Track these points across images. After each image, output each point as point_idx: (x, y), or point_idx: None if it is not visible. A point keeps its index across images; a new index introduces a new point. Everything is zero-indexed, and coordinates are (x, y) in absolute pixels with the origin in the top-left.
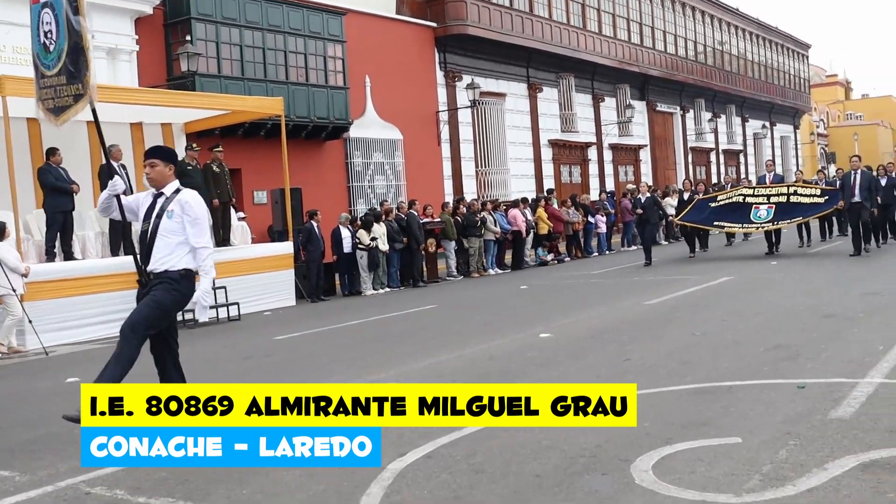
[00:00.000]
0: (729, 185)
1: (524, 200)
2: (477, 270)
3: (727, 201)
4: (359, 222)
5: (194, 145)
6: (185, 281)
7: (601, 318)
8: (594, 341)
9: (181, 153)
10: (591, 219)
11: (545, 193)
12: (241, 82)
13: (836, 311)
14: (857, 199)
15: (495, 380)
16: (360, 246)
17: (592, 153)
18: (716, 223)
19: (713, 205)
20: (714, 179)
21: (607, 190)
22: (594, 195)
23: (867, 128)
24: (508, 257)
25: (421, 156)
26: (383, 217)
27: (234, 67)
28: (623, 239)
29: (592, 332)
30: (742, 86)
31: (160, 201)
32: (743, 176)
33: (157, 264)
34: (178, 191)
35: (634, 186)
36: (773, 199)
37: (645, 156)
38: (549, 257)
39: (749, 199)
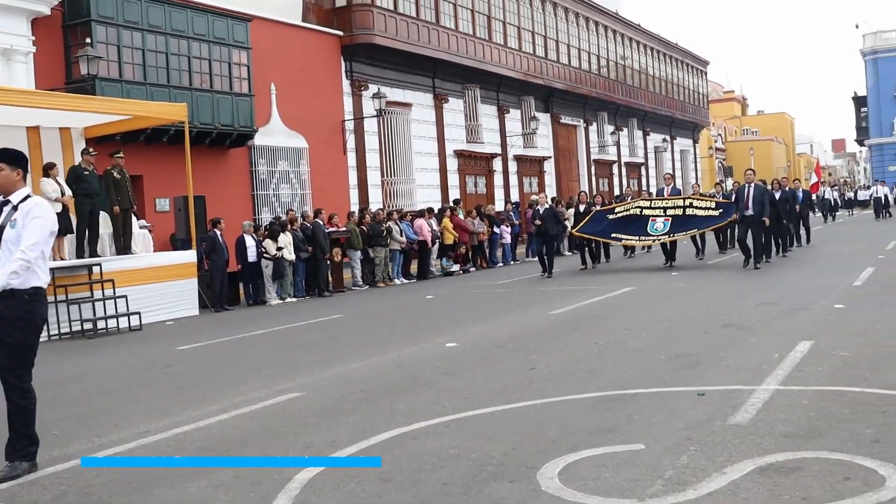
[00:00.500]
0: (629, 197)
1: (430, 210)
2: (382, 280)
3: (625, 213)
4: (264, 231)
5: (90, 149)
6: (33, 302)
7: (507, 328)
8: (500, 350)
9: (78, 158)
10: (496, 229)
11: (451, 204)
12: (144, 87)
13: (734, 320)
14: (749, 212)
15: (404, 388)
16: (265, 255)
17: (497, 164)
18: (613, 235)
19: (611, 217)
20: (616, 191)
21: (512, 201)
22: (499, 206)
23: (762, 143)
24: (414, 267)
25: (326, 165)
26: (289, 226)
27: (137, 72)
28: (528, 249)
29: (498, 342)
30: (643, 100)
31: (6, 210)
32: (644, 188)
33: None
34: (27, 198)
35: (538, 196)
36: (669, 212)
37: (549, 167)
38: (455, 267)
39: (646, 212)
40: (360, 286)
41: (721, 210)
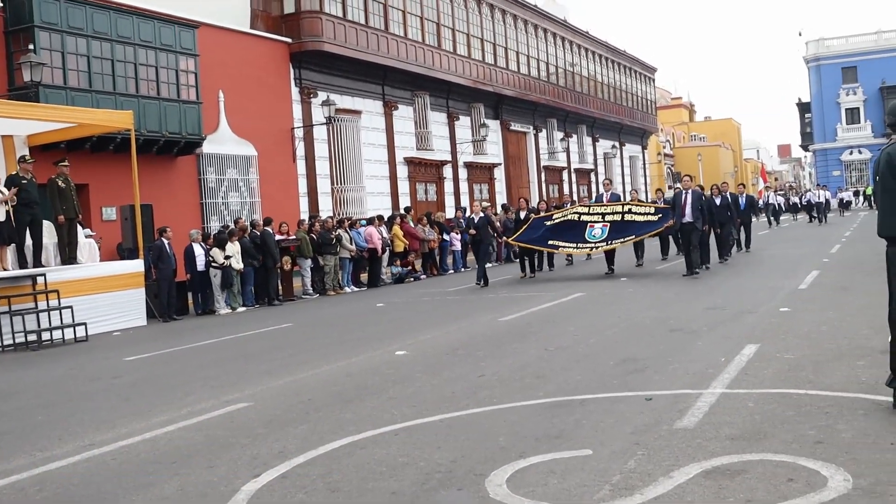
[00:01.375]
0: (567, 204)
1: (380, 218)
2: (333, 288)
3: (562, 220)
4: (212, 240)
5: (27, 156)
6: None
7: (457, 335)
8: (450, 357)
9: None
10: (446, 236)
11: (401, 211)
12: (89, 94)
13: (681, 324)
14: (687, 218)
15: (352, 397)
16: (213, 264)
17: (448, 171)
18: (550, 242)
19: (548, 223)
20: (571, 197)
21: (462, 208)
22: (450, 213)
23: (710, 149)
24: (364, 275)
25: (276, 172)
26: (238, 235)
27: (82, 79)
28: (508, 253)
29: (448, 349)
30: (592, 106)
31: None
32: (595, 194)
33: None
34: None
35: (489, 204)
36: (608, 218)
37: (499, 174)
38: (405, 274)
39: (584, 218)
40: (310, 295)
41: (660, 215)
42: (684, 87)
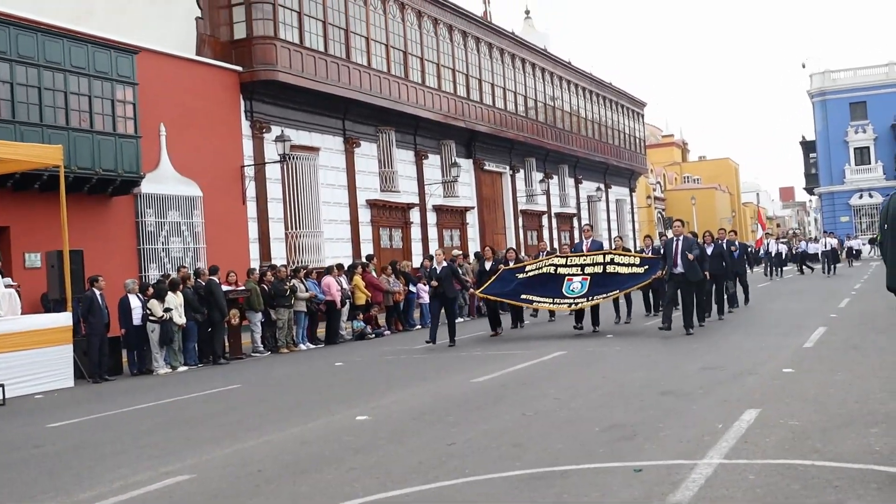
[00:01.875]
0: (543, 253)
1: (339, 267)
2: (286, 345)
3: (537, 272)
4: (151, 290)
5: None
6: None
7: (425, 398)
8: (417, 423)
9: None
10: (412, 288)
11: (363, 259)
12: (12, 126)
13: (673, 386)
14: (679, 269)
15: (307, 468)
16: (151, 318)
17: (415, 215)
18: (523, 297)
19: (521, 276)
20: (548, 243)
21: (430, 256)
22: (417, 261)
23: (705, 191)
24: (321, 330)
25: (223, 215)
26: (180, 285)
27: (4, 108)
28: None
29: (415, 413)
30: (576, 144)
31: None
32: (565, 242)
33: None
34: None
35: (460, 252)
36: (588, 270)
37: (472, 219)
38: (367, 330)
39: (561, 270)
40: (260, 352)
41: (646, 266)
42: (676, 123)
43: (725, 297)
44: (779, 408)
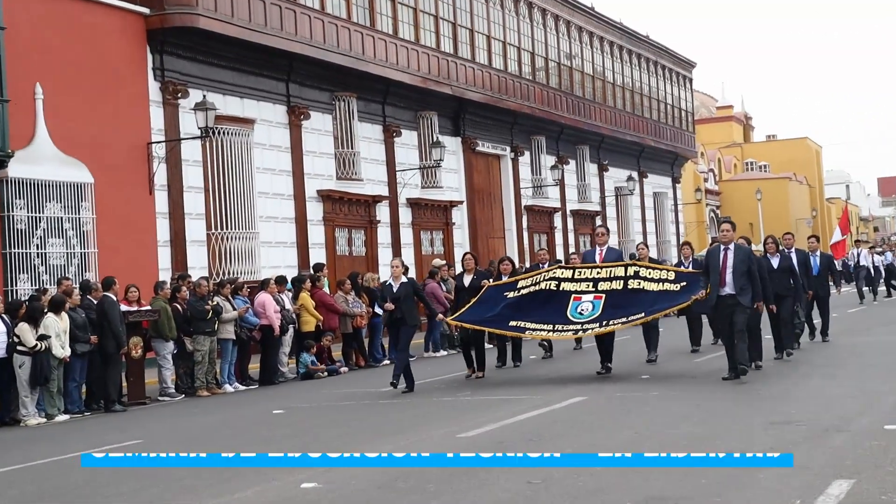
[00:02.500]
0: (544, 265)
1: (280, 280)
2: (207, 386)
3: (533, 289)
4: (22, 311)
5: None
6: None
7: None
8: (384, 495)
9: None
10: (378, 310)
11: (311, 271)
12: None
13: (732, 446)
14: (727, 290)
15: None
16: (20, 348)
17: (383, 212)
18: (512, 324)
19: (511, 295)
20: (561, 251)
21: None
22: (385, 273)
23: (774, 182)
24: (255, 366)
25: (122, 210)
26: (65, 304)
27: None
28: (427, 339)
29: (382, 482)
30: (600, 119)
31: None
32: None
33: None
34: None
35: (443, 262)
36: (602, 286)
37: (460, 217)
38: (318, 366)
39: (566, 286)
40: (171, 395)
41: (683, 283)
42: (736, 91)
43: (795, 328)
44: (878, 478)
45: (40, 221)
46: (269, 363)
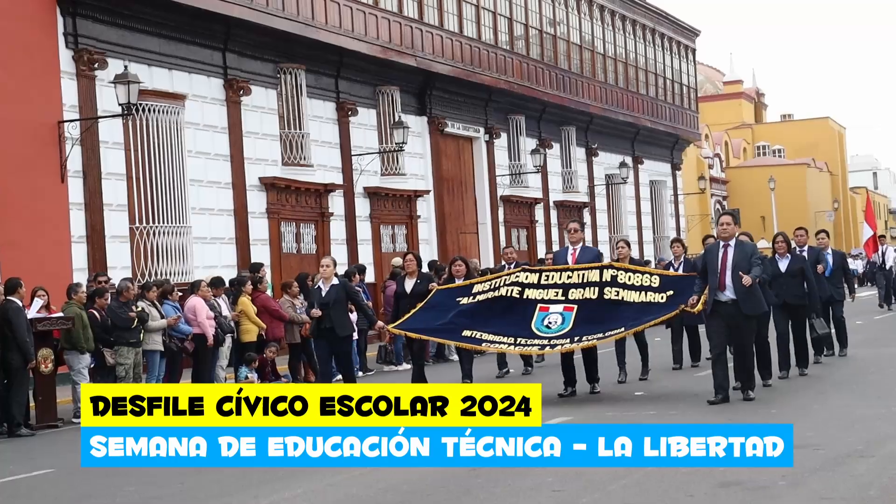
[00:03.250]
0: (512, 265)
1: (216, 282)
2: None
3: (491, 295)
4: None
5: None
6: None
7: (353, 488)
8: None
9: None
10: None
11: (249, 272)
12: None
13: (741, 475)
14: (727, 294)
15: None
16: None
17: (336, 203)
18: (466, 334)
19: (464, 301)
20: (542, 249)
21: (357, 265)
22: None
23: (790, 169)
24: (187, 382)
25: (29, 200)
26: None
27: None
28: (380, 350)
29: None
30: (588, 95)
31: None
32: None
33: None
34: None
35: (401, 260)
36: (573, 295)
37: (426, 209)
38: (255, 381)
39: (531, 294)
40: None
41: (670, 292)
42: (746, 63)
43: (812, 338)
44: None
45: None
46: (203, 378)
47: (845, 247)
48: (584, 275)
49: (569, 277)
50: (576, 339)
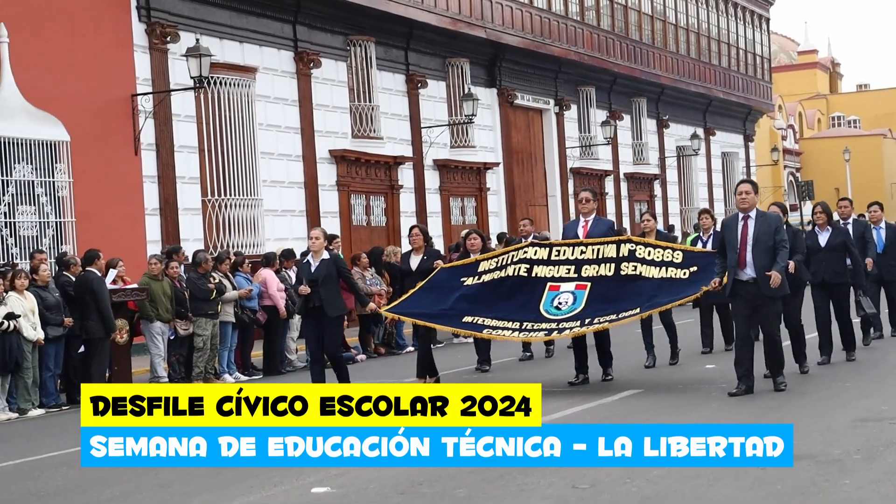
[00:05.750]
0: (529, 238)
1: (287, 255)
2: (204, 376)
3: (498, 275)
4: None
5: None
6: None
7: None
8: (406, 499)
9: None
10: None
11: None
12: None
13: (812, 448)
14: (748, 272)
15: None
16: None
17: (407, 175)
18: (466, 320)
19: (469, 281)
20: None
21: (430, 239)
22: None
23: (866, 140)
24: (258, 352)
25: (104, 173)
26: (31, 279)
27: None
28: (377, 333)
29: (404, 486)
30: (659, 67)
31: None
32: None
33: None
34: None
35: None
36: (587, 272)
37: (495, 181)
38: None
39: (540, 271)
40: None
41: (693, 268)
42: (821, 33)
43: (861, 318)
44: None
45: (8, 186)
46: (275, 349)
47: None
48: (599, 250)
49: (582, 253)
50: (587, 321)
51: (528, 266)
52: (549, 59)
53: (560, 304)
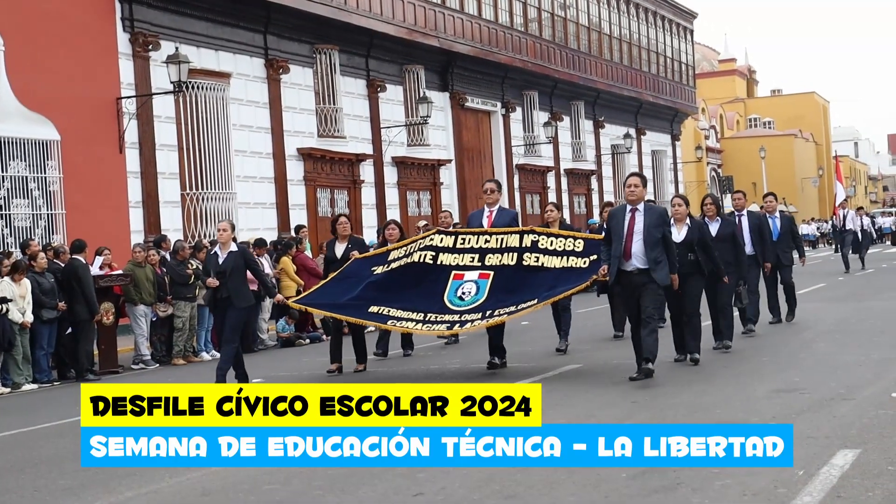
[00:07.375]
0: (423, 227)
1: (259, 243)
2: (182, 354)
3: (405, 261)
4: None
5: None
6: None
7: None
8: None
9: None
10: None
11: (292, 234)
12: None
13: (732, 415)
14: (634, 263)
15: None
16: None
17: (367, 171)
18: (374, 310)
19: (378, 270)
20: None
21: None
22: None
23: (779, 139)
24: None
25: (92, 169)
26: (26, 267)
27: None
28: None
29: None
30: (596, 73)
31: None
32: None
33: None
34: None
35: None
36: (490, 261)
37: (448, 176)
38: (298, 334)
39: (445, 259)
40: (147, 363)
41: (593, 256)
42: (739, 43)
43: (739, 309)
44: (885, 448)
45: (4, 181)
46: (248, 329)
47: (828, 211)
48: (502, 239)
49: (486, 241)
50: (487, 313)
51: (434, 253)
52: (497, 66)
53: (463, 294)
